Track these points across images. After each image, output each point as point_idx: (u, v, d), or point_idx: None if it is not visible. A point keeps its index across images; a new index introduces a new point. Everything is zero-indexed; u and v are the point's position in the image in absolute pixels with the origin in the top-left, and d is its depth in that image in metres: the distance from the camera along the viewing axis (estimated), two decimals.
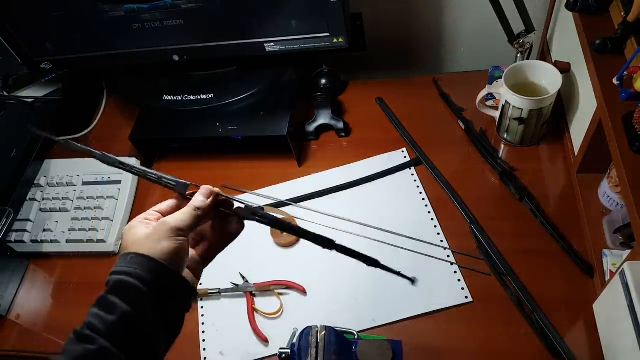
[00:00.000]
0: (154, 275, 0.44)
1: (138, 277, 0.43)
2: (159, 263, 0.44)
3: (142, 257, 0.44)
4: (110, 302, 0.42)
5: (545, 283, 0.71)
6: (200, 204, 0.49)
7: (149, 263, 0.44)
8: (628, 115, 0.59)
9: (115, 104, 1.12)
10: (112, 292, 0.43)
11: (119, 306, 0.42)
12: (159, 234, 0.46)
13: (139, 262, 0.44)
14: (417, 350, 0.68)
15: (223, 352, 0.74)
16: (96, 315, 0.42)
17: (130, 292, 0.43)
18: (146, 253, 0.44)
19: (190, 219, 0.47)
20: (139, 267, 0.43)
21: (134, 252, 0.45)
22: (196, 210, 0.48)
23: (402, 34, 1.05)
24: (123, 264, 0.44)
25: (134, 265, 0.44)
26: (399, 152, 0.91)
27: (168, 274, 0.45)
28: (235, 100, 0.93)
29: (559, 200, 0.79)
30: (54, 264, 0.89)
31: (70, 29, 0.89)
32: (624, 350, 0.56)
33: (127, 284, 0.43)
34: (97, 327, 0.41)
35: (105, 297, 0.43)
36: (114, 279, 0.44)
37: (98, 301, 0.43)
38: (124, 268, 0.44)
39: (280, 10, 0.81)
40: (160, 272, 0.44)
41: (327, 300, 0.76)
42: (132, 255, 0.44)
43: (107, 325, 0.41)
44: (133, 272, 0.43)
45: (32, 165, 0.95)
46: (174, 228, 0.46)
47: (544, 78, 0.82)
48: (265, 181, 0.91)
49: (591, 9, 0.71)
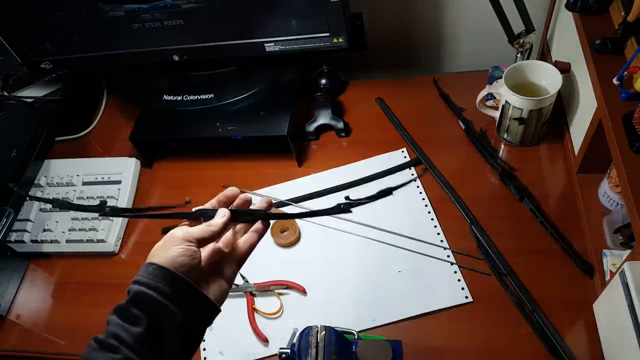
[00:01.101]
0: (172, 287, 0.45)
1: (157, 289, 0.45)
2: (173, 273, 0.46)
3: (159, 269, 0.46)
4: (134, 313, 0.44)
5: (545, 283, 0.71)
6: (213, 222, 0.52)
7: (165, 274, 0.46)
8: (628, 115, 0.60)
9: (115, 104, 1.12)
10: (134, 304, 0.45)
11: (142, 318, 0.44)
12: (168, 243, 0.48)
13: (158, 274, 0.46)
14: (417, 350, 0.68)
15: (223, 352, 0.74)
16: (120, 326, 0.44)
17: (151, 304, 0.44)
18: (158, 262, 0.46)
19: (199, 231, 0.50)
20: (157, 278, 0.45)
21: (155, 263, 0.46)
22: (208, 226, 0.51)
23: (402, 34, 1.05)
24: (144, 274, 0.46)
25: (154, 277, 0.45)
26: (399, 152, 0.91)
27: (186, 287, 0.47)
28: (235, 100, 0.93)
29: (559, 200, 0.79)
30: (54, 264, 0.89)
31: (70, 29, 0.89)
32: (624, 350, 0.56)
33: (147, 296, 0.44)
34: (122, 337, 0.43)
35: (128, 308, 0.44)
36: (135, 289, 0.45)
37: (119, 311, 0.45)
38: (144, 279, 0.45)
39: (280, 10, 0.81)
40: (176, 283, 0.46)
41: (327, 300, 0.76)
42: (154, 267, 0.46)
43: (133, 336, 0.43)
44: (153, 284, 0.45)
45: (32, 165, 0.95)
46: (181, 238, 0.48)
47: (544, 78, 0.82)
48: (265, 181, 0.91)
49: (591, 9, 0.71)
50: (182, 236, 0.48)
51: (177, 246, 0.47)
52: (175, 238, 0.48)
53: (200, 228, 0.50)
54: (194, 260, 0.48)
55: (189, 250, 0.48)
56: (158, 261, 0.46)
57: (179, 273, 0.46)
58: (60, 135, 1.07)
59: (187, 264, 0.47)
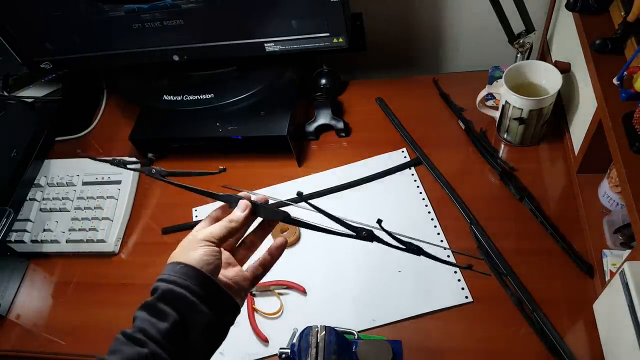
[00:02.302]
0: (200, 286, 0.46)
1: (186, 287, 0.45)
2: (203, 273, 0.46)
3: (188, 268, 0.46)
4: (162, 309, 0.44)
5: (545, 283, 0.71)
6: (234, 217, 0.52)
7: (195, 274, 0.46)
8: (628, 115, 0.60)
9: (115, 104, 1.12)
10: (162, 300, 0.45)
11: (170, 314, 0.44)
12: (191, 244, 0.49)
13: (186, 272, 0.46)
14: (417, 350, 0.68)
15: (223, 352, 0.74)
16: (147, 321, 0.44)
17: (180, 302, 0.45)
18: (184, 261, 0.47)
19: (220, 230, 0.50)
20: (186, 277, 0.46)
21: (182, 262, 0.47)
22: (230, 222, 0.51)
23: (402, 34, 1.05)
24: (172, 273, 0.46)
25: (182, 276, 0.46)
26: (399, 152, 0.91)
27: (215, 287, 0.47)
28: (235, 100, 0.93)
29: (559, 200, 0.79)
30: (54, 264, 0.89)
31: (70, 29, 0.89)
32: (624, 350, 0.56)
33: (176, 293, 0.45)
34: (149, 333, 0.44)
35: (156, 304, 0.45)
36: (163, 287, 0.46)
37: (147, 307, 0.45)
38: (173, 277, 0.46)
39: (280, 10, 0.81)
40: (205, 283, 0.46)
41: (327, 300, 0.76)
42: (181, 265, 0.47)
43: (160, 332, 0.44)
44: (182, 282, 0.46)
45: (32, 165, 0.95)
46: (203, 239, 0.49)
47: (544, 78, 0.82)
48: (265, 181, 0.91)
49: (591, 9, 0.71)
50: (204, 237, 0.49)
51: (201, 247, 0.48)
52: (198, 239, 0.49)
53: (221, 226, 0.50)
54: (218, 260, 0.49)
55: (213, 250, 0.49)
56: (184, 261, 0.47)
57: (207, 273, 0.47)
58: (60, 135, 1.07)
59: (212, 263, 0.48)
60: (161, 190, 0.95)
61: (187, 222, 0.88)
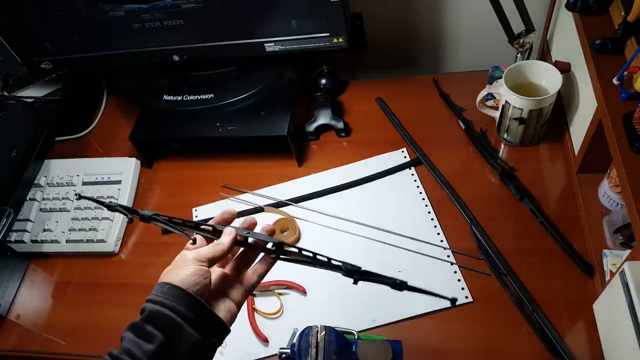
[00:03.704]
0: (187, 307, 0.46)
1: (172, 308, 0.46)
2: (189, 294, 0.47)
3: (175, 289, 0.47)
4: (148, 331, 0.45)
5: (545, 283, 0.71)
6: (221, 240, 0.52)
7: (182, 295, 0.46)
8: (628, 115, 0.60)
9: (115, 104, 1.12)
10: (149, 322, 0.45)
11: (156, 336, 0.44)
12: (180, 263, 0.49)
13: (173, 293, 0.46)
14: (417, 350, 0.68)
15: (223, 352, 0.74)
16: (134, 342, 0.44)
17: (166, 323, 0.45)
18: (171, 281, 0.47)
19: (208, 251, 0.51)
20: (173, 298, 0.46)
21: (170, 283, 0.47)
22: (217, 246, 0.51)
23: (402, 34, 1.05)
24: (159, 294, 0.47)
25: (169, 297, 0.46)
26: (399, 152, 0.91)
27: (201, 308, 0.47)
28: (235, 100, 0.93)
29: (559, 200, 0.79)
30: (54, 264, 0.89)
31: (70, 29, 0.89)
32: (624, 350, 0.56)
33: (162, 315, 0.45)
34: (135, 354, 0.44)
35: (143, 326, 0.45)
36: (150, 308, 0.46)
37: (134, 328, 0.45)
38: (160, 298, 0.46)
39: (280, 10, 0.81)
40: (192, 304, 0.47)
41: (327, 300, 0.76)
42: (169, 286, 0.47)
43: (146, 353, 0.44)
44: (168, 304, 0.46)
45: (32, 165, 0.95)
46: (193, 258, 0.49)
47: (544, 78, 0.82)
48: (265, 181, 0.91)
49: (591, 9, 0.71)
50: (193, 257, 0.49)
51: (189, 266, 0.48)
52: (187, 259, 0.49)
53: (209, 248, 0.51)
54: (206, 280, 0.49)
55: (201, 270, 0.49)
56: (172, 281, 0.47)
57: (193, 293, 0.47)
58: (60, 135, 1.07)
59: (199, 283, 0.48)
60: (161, 190, 0.95)
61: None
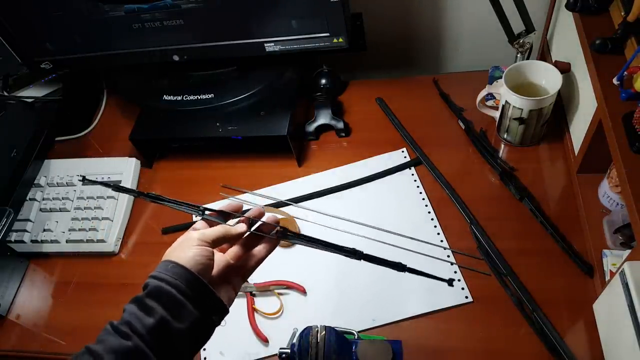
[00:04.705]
0: (189, 286, 0.47)
1: (175, 286, 0.46)
2: (193, 274, 0.47)
3: (179, 268, 0.47)
4: (149, 306, 0.46)
5: (545, 283, 0.71)
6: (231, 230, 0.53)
7: (185, 274, 0.47)
8: (628, 115, 0.60)
9: (115, 104, 1.12)
10: (151, 297, 0.46)
11: (157, 311, 0.45)
12: (185, 243, 0.50)
13: (177, 272, 0.47)
14: (417, 350, 0.68)
15: (223, 352, 0.74)
16: (135, 315, 0.45)
17: (168, 299, 0.46)
18: (176, 260, 0.48)
19: (214, 232, 0.51)
20: (177, 276, 0.47)
21: (174, 261, 0.48)
22: (225, 230, 0.53)
23: (402, 34, 1.05)
24: (163, 270, 0.47)
25: (173, 275, 0.47)
26: (399, 152, 0.91)
27: (203, 288, 0.48)
28: (235, 100, 0.93)
29: (559, 200, 0.79)
30: (54, 264, 0.89)
31: (70, 29, 0.89)
32: (624, 350, 0.56)
33: (165, 291, 0.46)
34: (135, 326, 0.45)
35: (144, 300, 0.46)
36: (153, 284, 0.47)
37: (136, 301, 0.47)
38: (163, 275, 0.47)
39: (280, 10, 0.81)
40: (194, 283, 0.47)
41: (327, 300, 0.76)
42: (173, 264, 0.48)
43: (145, 327, 0.45)
44: (172, 281, 0.46)
45: (32, 165, 0.95)
46: (198, 239, 0.50)
47: (544, 78, 0.82)
48: (265, 181, 0.91)
49: (591, 9, 0.71)
50: (198, 237, 0.50)
51: (194, 246, 0.49)
52: (192, 239, 0.50)
53: (216, 229, 0.52)
54: (210, 261, 0.50)
55: (205, 250, 0.49)
56: (176, 259, 0.48)
57: (196, 272, 0.48)
58: (60, 135, 1.07)
59: (203, 263, 0.49)
60: (161, 191, 0.95)
61: (187, 222, 0.88)
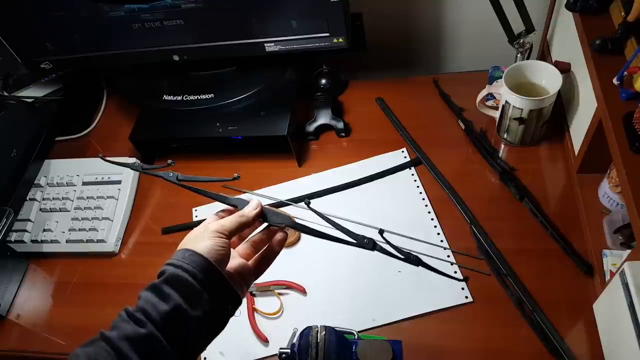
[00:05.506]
0: (206, 275, 0.47)
1: (193, 274, 0.47)
2: (210, 262, 0.48)
3: (197, 256, 0.48)
4: (166, 292, 0.45)
5: (545, 283, 0.71)
6: (246, 211, 0.54)
7: (203, 262, 0.47)
8: (628, 115, 0.60)
9: (115, 104, 1.12)
10: (168, 283, 0.46)
11: (173, 297, 0.45)
12: (203, 234, 0.50)
13: (195, 259, 0.47)
14: (417, 350, 0.68)
15: (223, 352, 0.74)
16: (150, 302, 0.45)
17: (185, 287, 0.46)
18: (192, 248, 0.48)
19: (231, 223, 0.52)
20: (194, 264, 0.47)
21: (192, 250, 0.48)
22: (241, 217, 0.53)
23: (402, 34, 1.05)
24: (180, 258, 0.48)
25: (190, 262, 0.47)
26: (399, 152, 0.91)
27: (219, 277, 0.48)
28: (235, 100, 0.93)
29: (559, 200, 0.79)
30: (54, 264, 0.89)
31: (70, 29, 0.89)
32: (624, 350, 0.56)
33: (182, 279, 0.46)
34: (149, 313, 0.44)
35: (161, 286, 0.46)
36: (170, 271, 0.47)
37: (152, 288, 0.46)
38: (180, 262, 0.47)
39: (281, 10, 0.81)
40: (211, 272, 0.48)
41: (327, 300, 0.76)
42: (190, 253, 0.48)
43: (160, 313, 0.44)
44: (189, 269, 0.47)
45: (32, 165, 0.95)
46: (215, 230, 0.51)
47: (544, 78, 0.82)
48: (265, 181, 0.91)
49: (591, 9, 0.71)
50: (215, 229, 0.51)
51: (212, 237, 0.50)
52: (210, 230, 0.50)
53: (232, 219, 0.52)
54: (226, 252, 0.50)
55: (222, 241, 0.50)
56: (194, 248, 0.48)
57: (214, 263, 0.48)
58: (60, 135, 1.07)
59: (221, 254, 0.49)
60: (161, 190, 0.95)
61: (187, 222, 0.88)
